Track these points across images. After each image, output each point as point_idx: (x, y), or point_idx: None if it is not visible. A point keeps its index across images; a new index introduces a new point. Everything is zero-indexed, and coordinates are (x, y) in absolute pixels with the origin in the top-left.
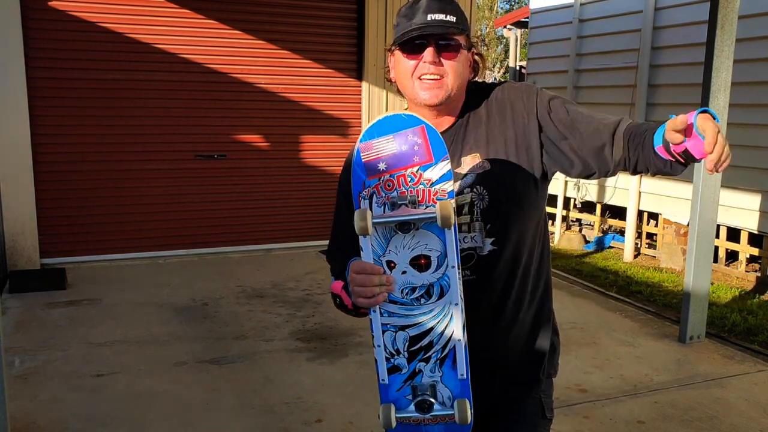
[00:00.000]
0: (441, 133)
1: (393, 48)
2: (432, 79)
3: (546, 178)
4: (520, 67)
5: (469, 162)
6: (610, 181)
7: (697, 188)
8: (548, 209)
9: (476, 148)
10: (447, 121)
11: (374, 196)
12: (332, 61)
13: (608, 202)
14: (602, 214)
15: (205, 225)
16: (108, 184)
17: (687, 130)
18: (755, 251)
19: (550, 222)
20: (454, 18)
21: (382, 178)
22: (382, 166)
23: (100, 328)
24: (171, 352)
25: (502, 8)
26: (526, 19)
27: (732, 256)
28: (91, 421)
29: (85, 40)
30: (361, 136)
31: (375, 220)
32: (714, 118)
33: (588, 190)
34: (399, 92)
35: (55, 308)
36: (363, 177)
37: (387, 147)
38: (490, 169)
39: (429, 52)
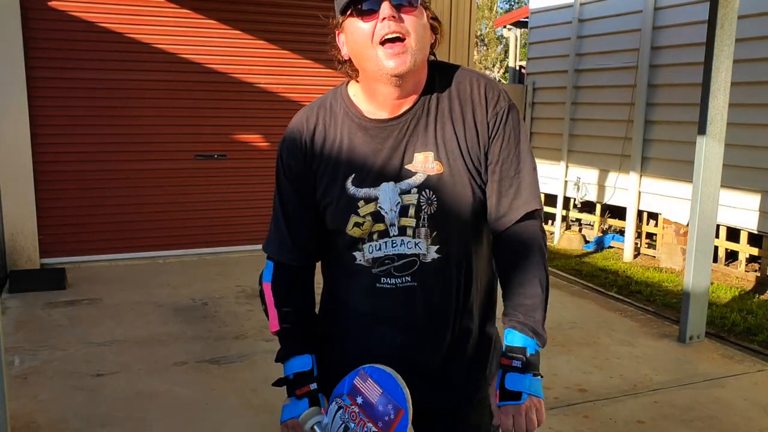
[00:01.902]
0: (398, 116)
1: (341, 20)
2: (395, 40)
3: None
4: (520, 67)
5: (422, 161)
6: (610, 181)
7: (697, 188)
8: (548, 209)
9: (431, 146)
10: (408, 101)
11: (341, 411)
12: (332, 61)
13: (608, 202)
14: (602, 214)
15: (205, 225)
16: (108, 183)
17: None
18: (755, 251)
19: (549, 222)
20: None
21: (352, 407)
22: (359, 400)
23: (99, 328)
24: (171, 351)
25: (501, 8)
26: (526, 19)
27: (732, 255)
28: (91, 420)
29: (85, 40)
30: (375, 371)
31: None
32: (524, 395)
33: (588, 189)
34: (349, 72)
35: (55, 308)
36: (344, 391)
37: (373, 393)
38: (442, 173)
39: (386, 6)
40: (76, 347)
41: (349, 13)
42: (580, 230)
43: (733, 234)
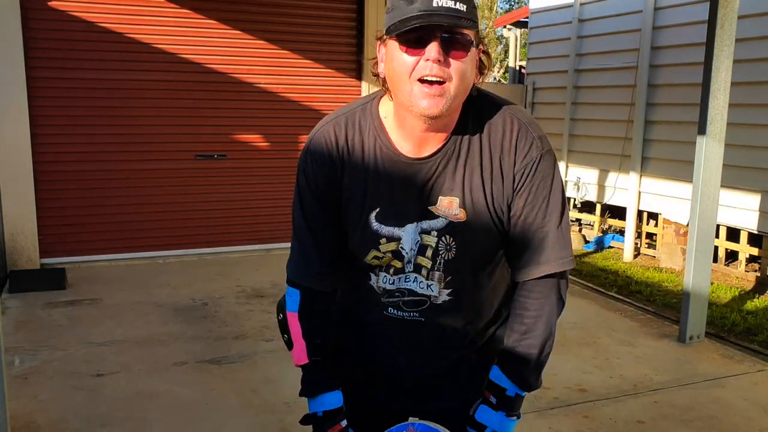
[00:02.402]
0: (427, 156)
1: (386, 38)
2: (434, 83)
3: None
4: (520, 67)
5: (446, 205)
6: (610, 181)
7: (697, 188)
8: None
9: (457, 192)
10: (437, 140)
11: None
12: (332, 61)
13: (608, 202)
14: (602, 214)
15: (205, 225)
16: (108, 183)
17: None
18: (755, 251)
19: None
20: (465, 6)
21: None
22: None
23: (100, 328)
24: (171, 351)
25: (501, 8)
26: (526, 19)
27: (732, 255)
28: (91, 420)
29: (85, 40)
30: (425, 429)
31: None
32: None
33: (588, 189)
34: (384, 87)
35: (55, 308)
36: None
37: None
38: (465, 221)
39: (434, 48)
40: (76, 347)
41: (395, 35)
42: (580, 230)
43: (733, 234)
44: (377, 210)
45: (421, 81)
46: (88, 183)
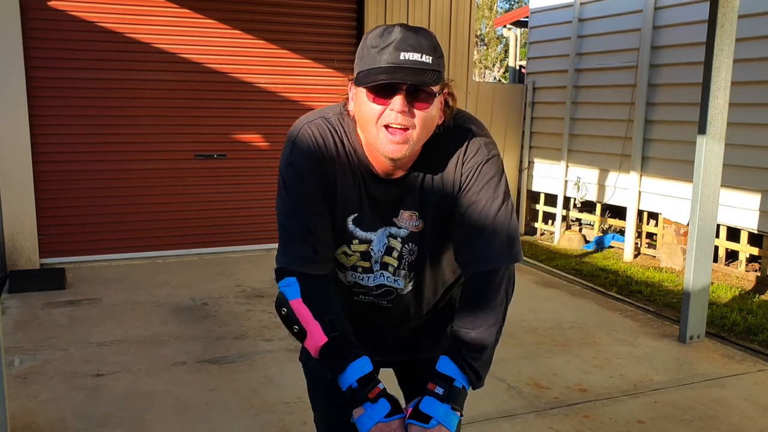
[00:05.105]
0: (391, 180)
1: (355, 81)
2: (399, 128)
3: None
4: (520, 66)
5: (406, 218)
6: (610, 181)
7: (697, 187)
8: (548, 209)
9: (416, 207)
10: (400, 171)
11: None
12: (332, 61)
13: (608, 202)
14: (602, 214)
15: (205, 225)
16: (108, 184)
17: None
18: (755, 251)
19: (549, 222)
20: (431, 58)
21: None
22: None
23: (99, 328)
24: (171, 351)
25: (501, 8)
26: (526, 19)
27: (732, 255)
28: (91, 420)
29: (85, 40)
30: None
31: None
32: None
33: (588, 189)
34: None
35: (55, 308)
36: None
37: None
38: (422, 230)
39: (398, 101)
40: (76, 347)
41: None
42: (580, 230)
43: (733, 234)
44: (355, 215)
45: (387, 127)
46: (88, 183)
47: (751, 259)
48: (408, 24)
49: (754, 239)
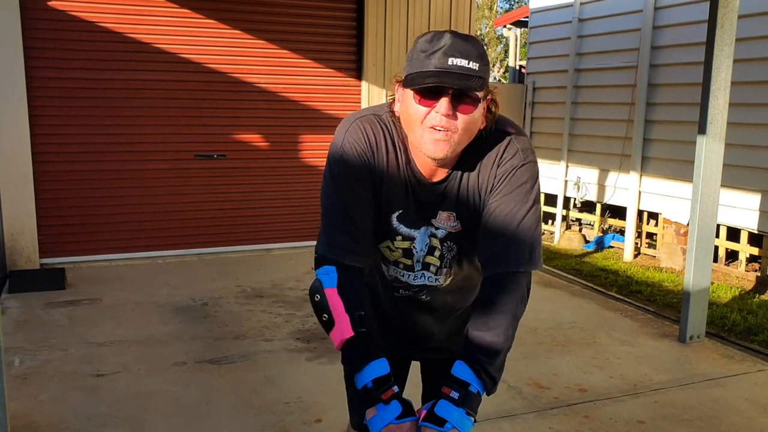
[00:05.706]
0: (433, 183)
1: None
2: (442, 129)
3: None
4: (520, 66)
5: (444, 218)
6: (610, 181)
7: (697, 187)
8: (548, 209)
9: (453, 207)
10: (442, 172)
11: None
12: (332, 61)
13: (608, 202)
14: (602, 214)
15: (205, 225)
16: (108, 184)
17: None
18: (755, 251)
19: (549, 221)
20: (477, 65)
21: None
22: None
23: (99, 328)
24: (170, 351)
25: (501, 7)
26: (526, 19)
27: (732, 255)
28: (91, 420)
29: (85, 40)
30: None
31: None
32: None
33: (588, 189)
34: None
35: (55, 308)
36: None
37: None
38: (460, 230)
39: (444, 104)
40: (76, 347)
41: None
42: (580, 230)
43: (733, 234)
44: (400, 212)
45: (431, 128)
46: (88, 183)
47: (751, 259)
48: (457, 31)
49: (754, 239)
